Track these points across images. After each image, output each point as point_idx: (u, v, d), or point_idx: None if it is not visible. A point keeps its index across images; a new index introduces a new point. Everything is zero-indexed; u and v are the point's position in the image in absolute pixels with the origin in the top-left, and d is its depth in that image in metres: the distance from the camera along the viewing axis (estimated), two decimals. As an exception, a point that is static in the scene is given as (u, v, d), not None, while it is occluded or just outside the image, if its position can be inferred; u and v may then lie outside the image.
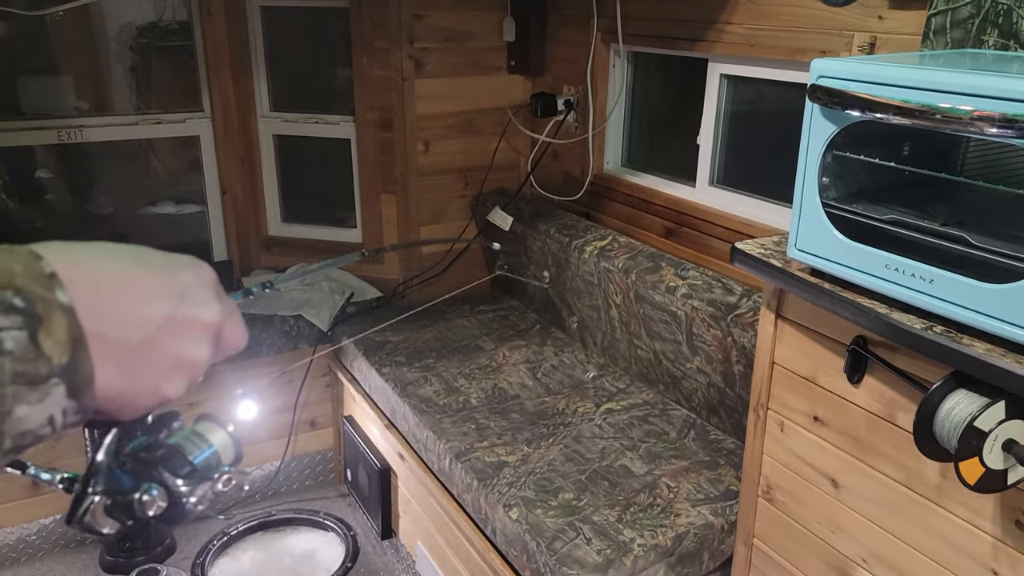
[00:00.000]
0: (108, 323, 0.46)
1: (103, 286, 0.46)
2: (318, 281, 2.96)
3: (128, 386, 0.48)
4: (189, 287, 0.50)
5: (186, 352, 0.50)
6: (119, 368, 0.46)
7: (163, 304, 0.49)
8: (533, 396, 2.33)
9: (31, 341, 0.41)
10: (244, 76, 2.95)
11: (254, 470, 2.94)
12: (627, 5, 2.45)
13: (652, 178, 2.57)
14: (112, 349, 0.46)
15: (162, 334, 0.48)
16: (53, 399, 0.42)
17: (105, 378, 0.46)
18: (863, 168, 1.36)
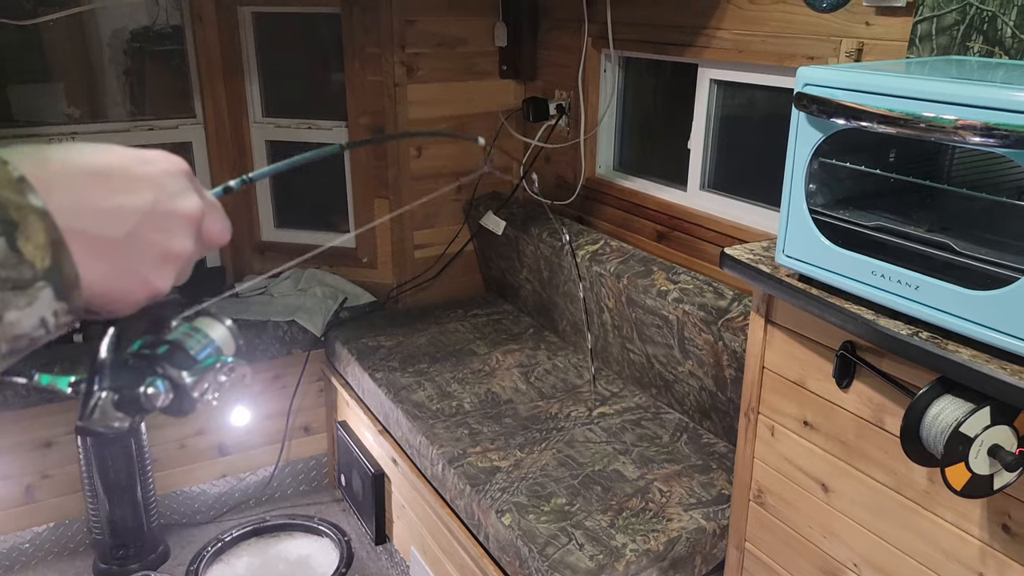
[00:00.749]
0: (88, 220, 0.45)
1: (78, 184, 0.46)
2: (312, 286, 2.97)
3: (117, 281, 0.47)
4: (166, 178, 0.50)
5: (171, 244, 0.49)
6: (105, 264, 0.46)
7: (142, 196, 0.48)
8: (526, 400, 2.33)
9: (10, 248, 0.41)
10: (236, 82, 2.95)
11: (248, 476, 2.94)
12: (618, 10, 2.46)
13: (644, 182, 2.58)
14: (95, 245, 0.46)
15: (144, 227, 0.48)
16: (42, 302, 0.43)
17: (92, 275, 0.46)
18: (849, 175, 1.37)
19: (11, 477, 2.59)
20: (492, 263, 3.01)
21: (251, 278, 3.12)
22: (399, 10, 2.75)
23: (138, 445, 2.59)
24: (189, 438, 2.82)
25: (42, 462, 2.63)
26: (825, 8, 1.84)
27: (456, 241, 3.04)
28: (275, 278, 3.04)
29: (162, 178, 0.50)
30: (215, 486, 2.91)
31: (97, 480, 2.56)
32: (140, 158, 0.50)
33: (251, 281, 2.97)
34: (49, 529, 2.69)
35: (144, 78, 3.17)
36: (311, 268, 3.06)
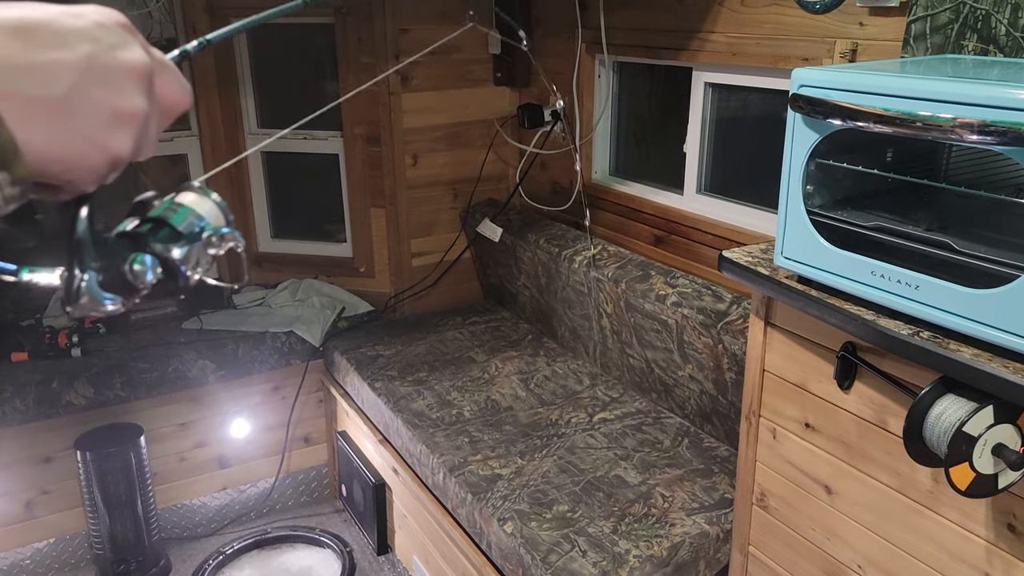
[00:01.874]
0: (19, 79, 0.42)
1: (2, 41, 0.42)
2: (309, 297, 2.96)
3: (68, 144, 0.44)
4: (101, 31, 0.46)
5: (118, 101, 0.45)
6: (48, 125, 0.43)
7: (77, 49, 0.44)
8: (526, 407, 2.32)
9: None
10: (231, 94, 2.95)
11: (248, 488, 2.93)
12: (611, 15, 2.46)
13: (640, 186, 2.58)
14: (33, 105, 0.42)
15: (86, 82, 0.44)
16: None
17: (37, 139, 0.42)
18: (846, 175, 1.37)
19: (10, 493, 2.57)
20: (490, 270, 3.01)
21: (250, 289, 3.11)
22: (392, 19, 2.75)
23: (138, 459, 2.58)
24: (189, 451, 2.81)
25: (41, 477, 2.61)
26: (818, 9, 1.84)
27: (453, 249, 3.03)
28: (272, 289, 3.04)
29: (96, 30, 0.46)
30: (216, 499, 2.90)
31: (97, 495, 2.55)
32: (69, 12, 0.45)
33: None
34: (50, 545, 2.67)
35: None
36: (308, 278, 3.05)
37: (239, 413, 2.83)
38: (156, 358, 2.66)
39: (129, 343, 2.76)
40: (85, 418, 2.58)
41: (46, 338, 2.68)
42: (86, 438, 2.55)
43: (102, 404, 2.59)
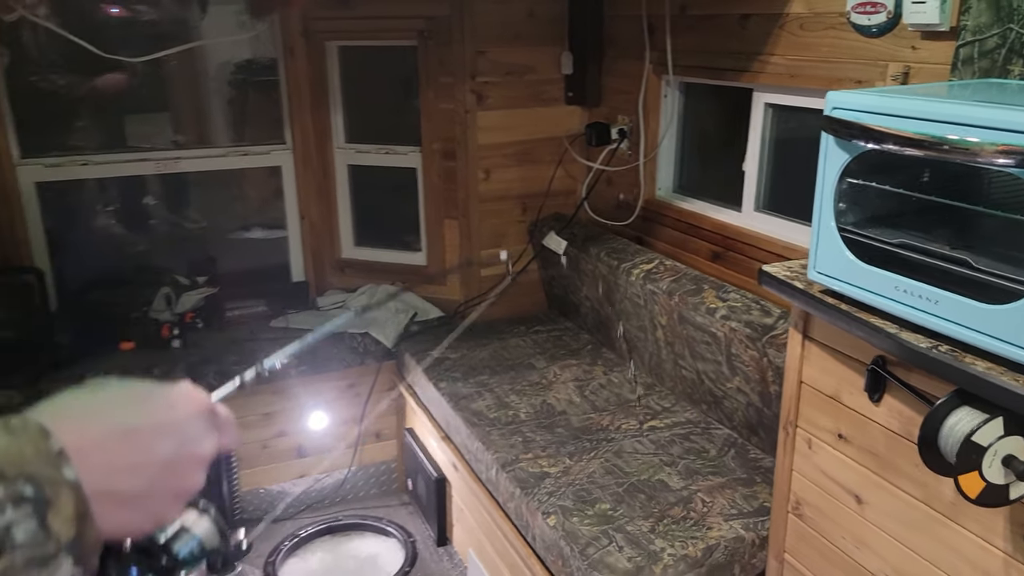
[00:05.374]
0: (117, 479, 0.49)
1: (111, 447, 0.49)
2: (385, 302, 3.15)
3: (133, 522, 0.51)
4: (189, 424, 0.54)
5: (186, 484, 0.54)
6: (125, 515, 0.50)
7: (165, 447, 0.52)
8: (579, 412, 2.42)
9: (40, 526, 0.43)
10: (322, 110, 3.18)
11: (324, 477, 3.12)
12: (677, 38, 2.55)
13: (701, 203, 2.65)
14: (119, 500, 0.49)
15: (165, 473, 0.52)
16: (62, 571, 0.45)
17: (113, 523, 0.49)
18: (876, 194, 1.42)
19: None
20: (554, 282, 3.12)
21: (331, 292, 3.33)
22: (471, 42, 2.92)
23: (224, 443, 2.81)
24: (271, 440, 3.03)
25: (139, 456, 2.87)
26: (873, 33, 1.89)
27: (521, 260, 3.17)
28: (352, 292, 3.24)
29: (185, 424, 0.54)
30: (294, 485, 3.10)
31: (186, 474, 2.78)
32: (167, 403, 0.54)
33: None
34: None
35: (242, 107, 3.46)
36: (385, 284, 3.24)
37: (317, 407, 3.03)
38: (245, 352, 2.89)
39: (222, 337, 3.01)
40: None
41: (151, 330, 2.95)
42: (180, 421, 2.79)
43: (195, 391, 2.83)
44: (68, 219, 3.21)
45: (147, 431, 0.52)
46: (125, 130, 3.23)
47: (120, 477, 0.49)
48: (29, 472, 0.44)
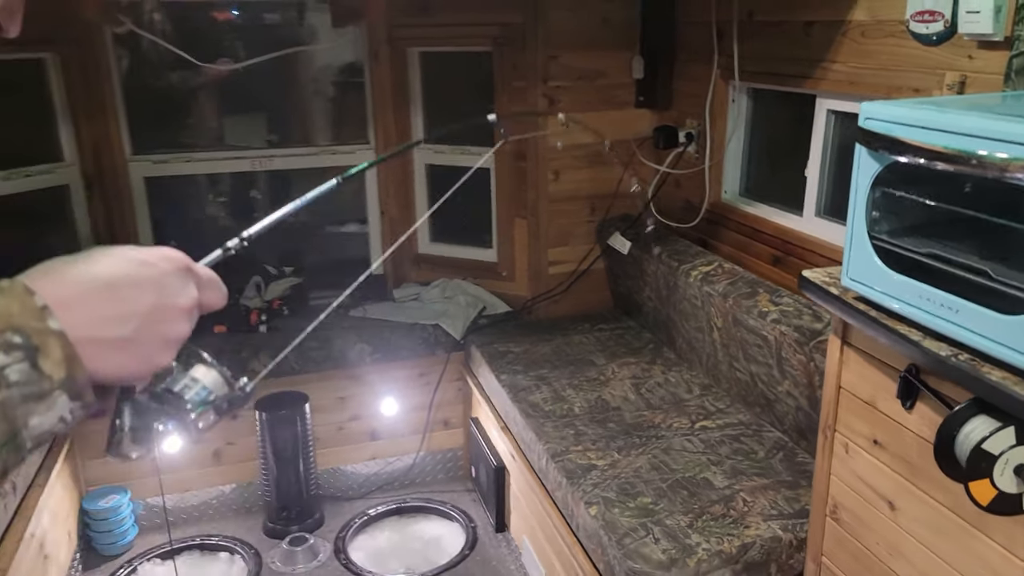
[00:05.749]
0: (101, 327, 0.55)
1: (92, 298, 0.55)
2: (456, 295, 3.29)
3: (126, 367, 0.57)
4: (166, 278, 0.60)
5: (171, 331, 0.60)
6: (116, 357, 0.56)
7: (145, 299, 0.58)
8: (633, 409, 2.49)
9: (32, 368, 0.51)
10: (403, 112, 3.35)
11: (394, 460, 3.29)
12: (744, 44, 2.58)
13: (764, 207, 2.67)
14: (108, 345, 0.55)
15: (149, 322, 0.57)
16: (59, 406, 0.52)
17: (105, 369, 0.55)
18: (908, 204, 1.44)
19: (204, 442, 3.09)
20: (619, 281, 3.19)
21: (407, 285, 3.50)
22: (544, 48, 3.01)
23: (303, 423, 3.01)
24: (346, 422, 3.22)
25: (228, 431, 3.11)
26: (933, 41, 1.88)
27: (588, 259, 3.25)
28: (426, 286, 3.40)
29: (162, 279, 0.59)
30: (366, 467, 3.29)
31: (270, 451, 3.00)
32: (142, 262, 0.59)
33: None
34: (232, 489, 3.17)
35: (330, 109, 3.67)
36: (457, 279, 3.38)
37: (389, 393, 3.20)
38: (324, 339, 3.09)
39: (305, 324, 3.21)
40: (264, 384, 3.02)
41: (242, 315, 3.19)
42: (264, 401, 3.01)
43: (278, 374, 3.04)
44: (172, 211, 3.50)
45: (126, 285, 0.57)
46: (224, 129, 3.50)
47: (105, 326, 0.56)
48: (16, 324, 0.51)
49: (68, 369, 0.53)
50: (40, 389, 0.51)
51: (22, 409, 0.51)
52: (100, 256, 0.58)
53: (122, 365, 0.57)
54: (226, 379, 0.68)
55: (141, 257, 0.59)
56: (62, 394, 0.52)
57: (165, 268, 0.60)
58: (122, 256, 0.59)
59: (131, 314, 0.57)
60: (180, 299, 0.60)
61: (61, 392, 0.52)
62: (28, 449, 0.53)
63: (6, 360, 0.50)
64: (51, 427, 0.53)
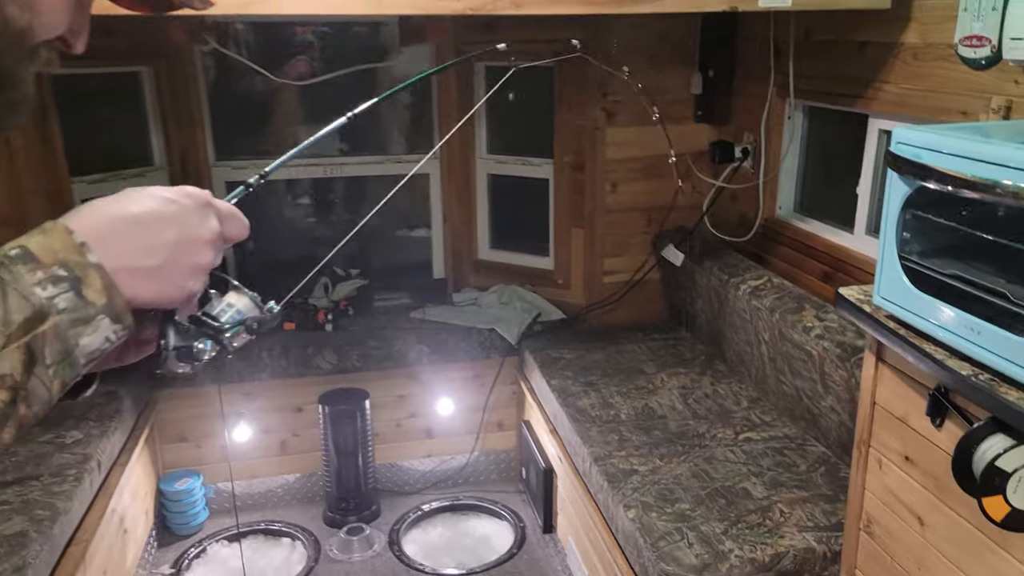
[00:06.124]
0: (133, 257, 0.63)
1: (122, 233, 0.63)
2: (513, 301, 3.40)
3: (160, 293, 0.65)
4: (187, 213, 0.66)
5: (197, 260, 0.67)
6: (150, 284, 0.64)
7: (170, 232, 0.65)
8: (679, 418, 2.55)
9: (78, 296, 0.58)
10: (467, 124, 3.48)
11: (448, 459, 3.42)
12: (800, 63, 2.61)
13: (817, 224, 2.69)
14: (141, 274, 0.63)
15: (176, 252, 0.65)
16: (103, 327, 0.60)
17: (142, 294, 0.63)
18: (935, 226, 1.48)
19: (272, 432, 3.28)
20: (674, 292, 3.24)
21: (466, 290, 3.63)
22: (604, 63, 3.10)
23: (363, 419, 3.17)
24: (404, 419, 3.36)
25: (294, 423, 3.30)
26: (980, 66, 1.89)
27: (643, 269, 3.31)
28: (484, 291, 3.52)
29: (184, 214, 0.66)
30: (421, 464, 3.43)
31: (331, 443, 3.17)
32: (167, 199, 0.66)
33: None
34: (296, 478, 3.35)
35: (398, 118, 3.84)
36: (514, 285, 3.49)
37: (445, 393, 3.33)
38: (385, 339, 3.24)
39: (368, 324, 3.38)
40: (328, 380, 3.21)
41: (310, 314, 3.38)
42: (327, 395, 3.18)
43: (342, 371, 3.21)
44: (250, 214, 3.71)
45: (153, 220, 0.65)
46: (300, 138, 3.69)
47: (137, 256, 0.63)
48: (60, 259, 0.59)
49: (108, 296, 0.60)
50: (86, 314, 0.59)
51: (72, 332, 0.59)
52: (130, 195, 0.66)
53: (155, 291, 0.65)
54: (256, 303, 0.76)
55: (165, 195, 0.67)
56: (104, 318, 0.60)
57: (187, 204, 0.67)
58: (149, 194, 0.66)
59: (159, 245, 0.64)
60: (202, 230, 0.67)
61: (103, 316, 0.60)
62: (82, 365, 0.60)
63: (55, 291, 0.58)
64: (99, 346, 0.61)
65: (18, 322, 0.57)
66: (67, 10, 0.70)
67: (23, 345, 0.57)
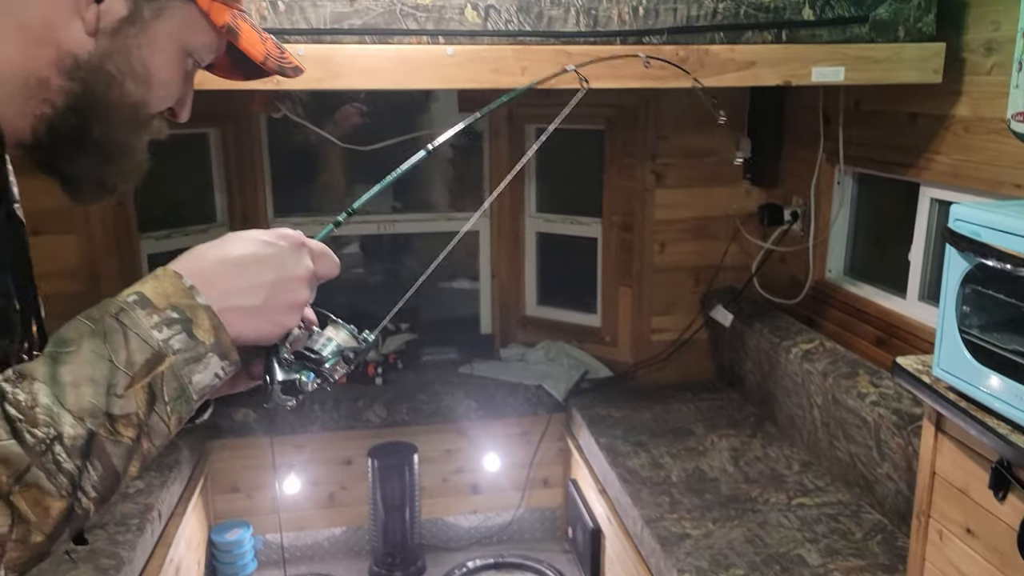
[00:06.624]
0: (236, 297, 0.68)
1: (227, 274, 0.68)
2: (560, 357, 3.44)
3: (261, 330, 0.71)
4: (284, 254, 0.71)
5: (293, 298, 0.72)
6: (252, 322, 0.69)
7: (269, 272, 0.70)
8: (730, 481, 2.54)
9: (189, 337, 0.64)
10: (517, 183, 3.57)
11: (494, 515, 3.43)
12: (850, 130, 2.66)
13: (868, 288, 2.70)
14: (244, 312, 0.68)
15: (274, 292, 0.70)
16: (213, 364, 0.65)
17: (244, 332, 0.69)
18: (994, 301, 1.50)
19: (321, 484, 3.33)
20: (723, 352, 3.26)
21: (513, 346, 3.67)
22: (653, 128, 3.18)
23: (411, 473, 3.20)
24: (450, 474, 3.39)
25: (342, 475, 3.34)
26: (1034, 139, 1.92)
27: (691, 328, 3.33)
28: (531, 347, 3.57)
29: (280, 255, 0.71)
30: (467, 520, 3.44)
31: (379, 497, 3.20)
32: (264, 242, 0.71)
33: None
34: (342, 531, 3.38)
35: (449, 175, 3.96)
36: (561, 342, 3.53)
37: (492, 449, 3.35)
38: (434, 393, 3.29)
39: (417, 379, 3.43)
40: (377, 433, 3.26)
41: (360, 367, 3.45)
42: (376, 449, 3.23)
43: (390, 424, 3.26)
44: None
45: (252, 262, 0.70)
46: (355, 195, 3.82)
47: (240, 296, 0.69)
48: (173, 303, 0.64)
49: (216, 335, 0.65)
50: (197, 353, 0.64)
51: (186, 370, 0.64)
52: (231, 239, 0.71)
53: (257, 328, 0.70)
54: (353, 335, 0.80)
55: (263, 238, 0.72)
56: (213, 355, 0.65)
57: (283, 246, 0.72)
58: (248, 238, 0.72)
59: (259, 285, 0.70)
60: (298, 270, 0.72)
61: (213, 354, 0.65)
62: (195, 401, 0.65)
63: (169, 332, 0.63)
64: (209, 382, 0.66)
65: (140, 363, 0.62)
66: (177, 85, 0.78)
67: (146, 385, 0.62)
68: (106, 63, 0.72)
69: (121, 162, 0.77)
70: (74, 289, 2.87)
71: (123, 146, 0.76)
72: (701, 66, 2.05)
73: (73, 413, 0.59)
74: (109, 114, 0.73)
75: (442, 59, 1.97)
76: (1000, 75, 2.04)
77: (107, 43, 0.72)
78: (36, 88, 0.70)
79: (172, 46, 0.76)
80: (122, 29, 0.72)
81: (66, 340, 0.62)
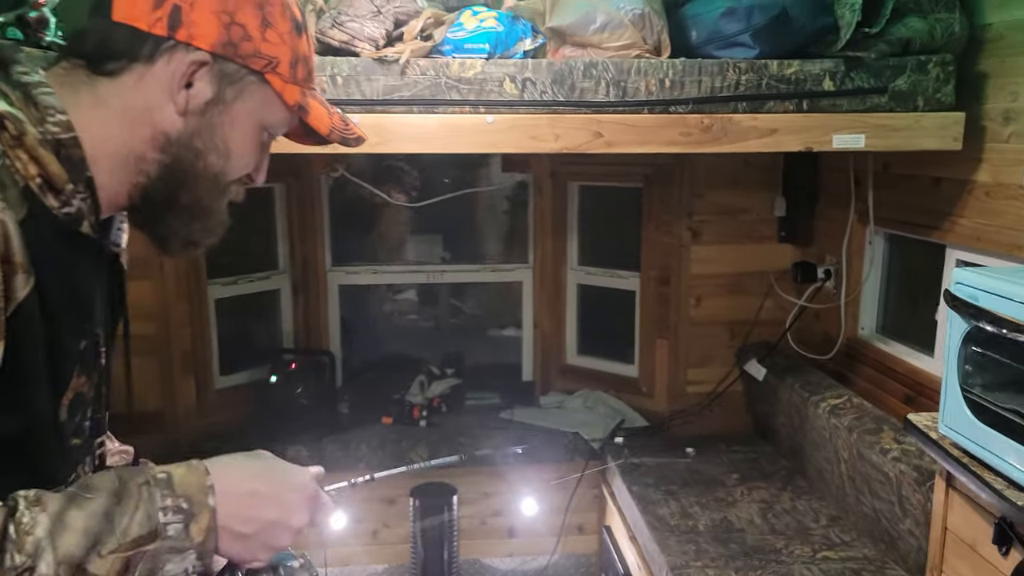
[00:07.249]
0: (235, 521, 0.74)
1: (239, 497, 0.75)
2: (597, 406, 3.54)
3: (239, 554, 0.78)
4: (293, 503, 0.79)
5: (277, 541, 0.80)
6: (236, 544, 0.76)
7: (272, 514, 0.77)
8: (757, 533, 2.59)
9: (185, 529, 0.69)
10: (560, 237, 3.73)
11: (529, 560, 3.50)
12: (879, 192, 2.75)
13: (898, 346, 2.75)
14: (233, 535, 0.75)
15: (265, 529, 0.77)
16: (188, 560, 0.70)
17: (227, 549, 0.76)
18: (994, 361, 1.57)
19: (366, 521, 3.46)
20: (756, 405, 3.31)
21: (553, 394, 3.79)
22: (690, 186, 3.31)
23: (450, 514, 3.31)
24: (488, 517, 3.49)
25: (385, 514, 3.47)
26: (1051, 205, 1.99)
27: (726, 381, 3.40)
28: (570, 395, 3.67)
29: (290, 505, 0.79)
30: (503, 563, 3.52)
31: (419, 535, 3.31)
32: (289, 486, 0.80)
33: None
34: (384, 569, 3.50)
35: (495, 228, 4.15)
36: (599, 391, 3.63)
37: (529, 493, 3.45)
38: (475, 437, 3.41)
39: (460, 422, 3.57)
40: (419, 474, 3.39)
41: (406, 410, 3.60)
42: (418, 489, 3.35)
43: (433, 465, 3.38)
44: (358, 314, 4.05)
45: (263, 497, 0.78)
46: (406, 247, 4.05)
47: (238, 522, 0.76)
48: (189, 494, 0.71)
49: (205, 536, 0.72)
50: (182, 545, 0.70)
51: (165, 557, 0.70)
52: (261, 465, 0.80)
53: (236, 550, 0.78)
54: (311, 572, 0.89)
55: (286, 480, 0.81)
56: (193, 553, 0.71)
57: (297, 496, 0.81)
58: (280, 480, 0.80)
59: (258, 520, 0.77)
60: (295, 520, 0.81)
61: (193, 552, 0.71)
62: None
63: (172, 519, 0.69)
64: (175, 574, 0.71)
65: (133, 536, 0.68)
66: (254, 156, 0.88)
67: (126, 557, 0.68)
68: (194, 139, 0.83)
69: (205, 222, 0.88)
70: (149, 331, 3.09)
71: (207, 209, 0.86)
72: (725, 133, 2.19)
73: (56, 556, 0.65)
74: (195, 182, 0.85)
75: (483, 127, 2.15)
76: (1018, 143, 2.13)
77: (195, 122, 0.83)
78: (135, 162, 0.82)
79: (250, 123, 0.87)
80: (208, 110, 0.83)
81: (90, 487, 0.70)
